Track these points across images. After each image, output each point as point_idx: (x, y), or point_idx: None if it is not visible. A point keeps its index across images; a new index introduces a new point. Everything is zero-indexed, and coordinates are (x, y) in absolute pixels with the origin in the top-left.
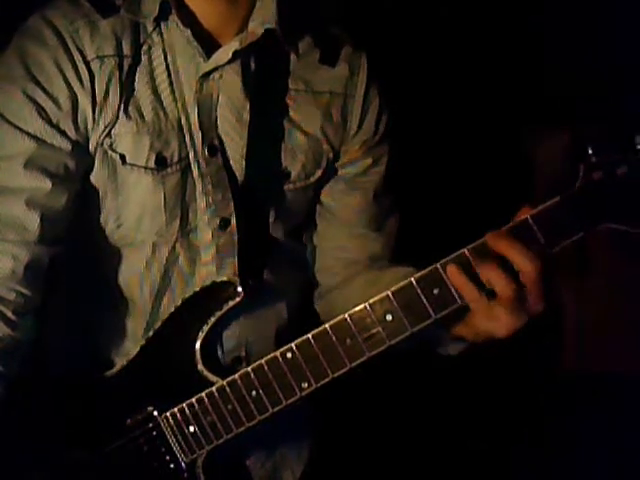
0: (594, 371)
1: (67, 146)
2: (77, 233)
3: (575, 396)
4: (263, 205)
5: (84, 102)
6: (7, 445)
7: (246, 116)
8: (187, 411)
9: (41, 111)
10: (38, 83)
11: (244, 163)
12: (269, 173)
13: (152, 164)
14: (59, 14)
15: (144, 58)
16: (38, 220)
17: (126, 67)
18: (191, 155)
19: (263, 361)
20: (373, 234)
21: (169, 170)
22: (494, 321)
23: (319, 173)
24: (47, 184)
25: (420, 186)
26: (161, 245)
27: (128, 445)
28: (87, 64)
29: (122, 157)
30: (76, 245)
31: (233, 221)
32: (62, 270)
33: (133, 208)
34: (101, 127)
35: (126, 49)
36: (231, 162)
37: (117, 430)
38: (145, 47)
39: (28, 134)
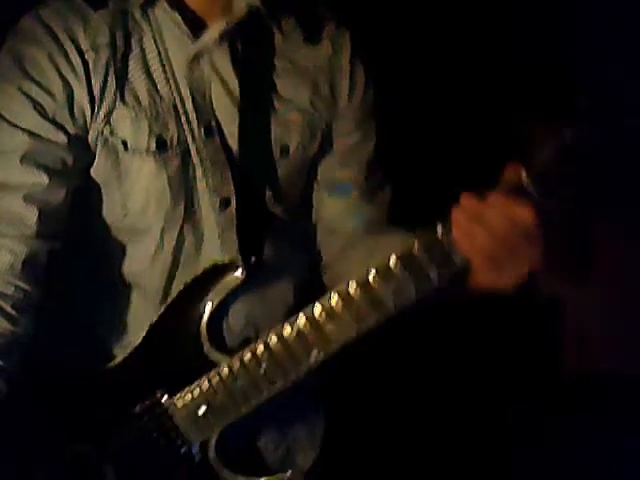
0: (594, 371)
1: (63, 140)
2: (81, 227)
3: (575, 396)
4: (263, 183)
5: (80, 93)
6: (13, 440)
7: (238, 96)
8: (196, 393)
9: (36, 106)
10: (32, 79)
11: (241, 142)
12: (267, 150)
13: (153, 148)
14: (51, 11)
15: (136, 46)
16: (36, 215)
17: (120, 56)
18: (189, 137)
19: (270, 334)
20: (367, 205)
21: (170, 153)
22: (496, 273)
23: (316, 146)
24: (44, 179)
25: (412, 157)
26: (169, 230)
27: (138, 433)
28: (82, 56)
29: (124, 143)
30: (81, 239)
31: (233, 200)
32: (67, 264)
33: (138, 194)
34: (100, 116)
35: (118, 39)
36: (228, 142)
37: (126, 419)
38: (136, 35)
39: (23, 130)
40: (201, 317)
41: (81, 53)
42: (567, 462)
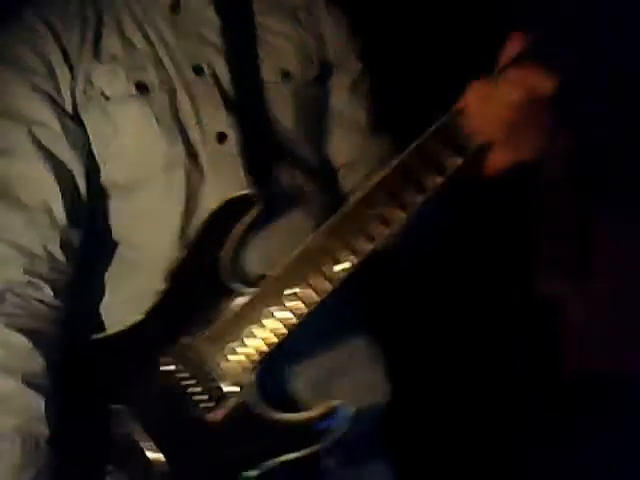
0: (594, 371)
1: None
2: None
3: (576, 395)
4: (267, 113)
5: (58, 62)
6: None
7: (223, 33)
8: (223, 330)
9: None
10: (20, 72)
11: (234, 75)
12: (267, 79)
13: (133, 91)
14: (29, 7)
15: (107, 14)
16: (62, 203)
17: (93, 25)
18: (174, 77)
19: (292, 255)
20: (375, 141)
21: (152, 94)
22: (516, 146)
23: (314, 72)
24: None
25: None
26: (172, 172)
27: (168, 384)
28: (54, 33)
29: (103, 94)
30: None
31: (230, 133)
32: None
33: (133, 140)
34: (81, 80)
35: (89, 11)
36: (221, 78)
37: (156, 370)
38: (106, 4)
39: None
40: (219, 256)
41: (54, 32)
42: (567, 462)
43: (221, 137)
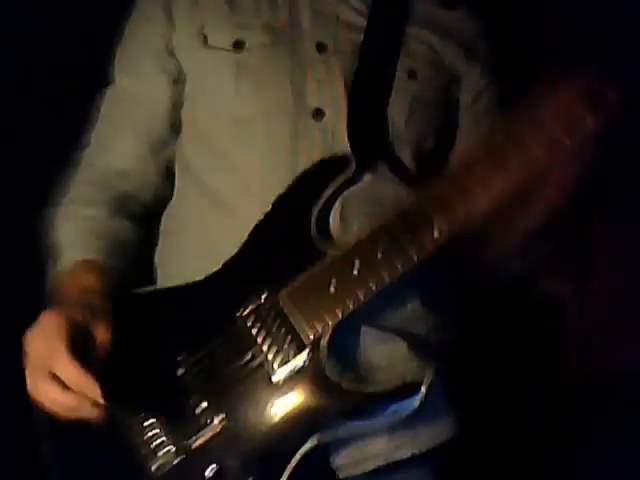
0: (594, 371)
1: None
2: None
3: (576, 395)
4: (377, 104)
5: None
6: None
7: (364, 19)
8: (307, 282)
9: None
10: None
11: (358, 61)
12: (392, 72)
13: (230, 46)
14: None
15: None
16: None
17: None
18: (288, 46)
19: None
20: None
21: (246, 54)
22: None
23: (444, 82)
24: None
25: None
26: (243, 128)
27: (245, 334)
28: None
29: (205, 37)
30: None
31: (329, 112)
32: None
33: (207, 90)
34: (190, 21)
35: None
36: (343, 60)
37: (231, 322)
38: None
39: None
40: (311, 211)
41: None
42: (567, 462)
43: (318, 112)
